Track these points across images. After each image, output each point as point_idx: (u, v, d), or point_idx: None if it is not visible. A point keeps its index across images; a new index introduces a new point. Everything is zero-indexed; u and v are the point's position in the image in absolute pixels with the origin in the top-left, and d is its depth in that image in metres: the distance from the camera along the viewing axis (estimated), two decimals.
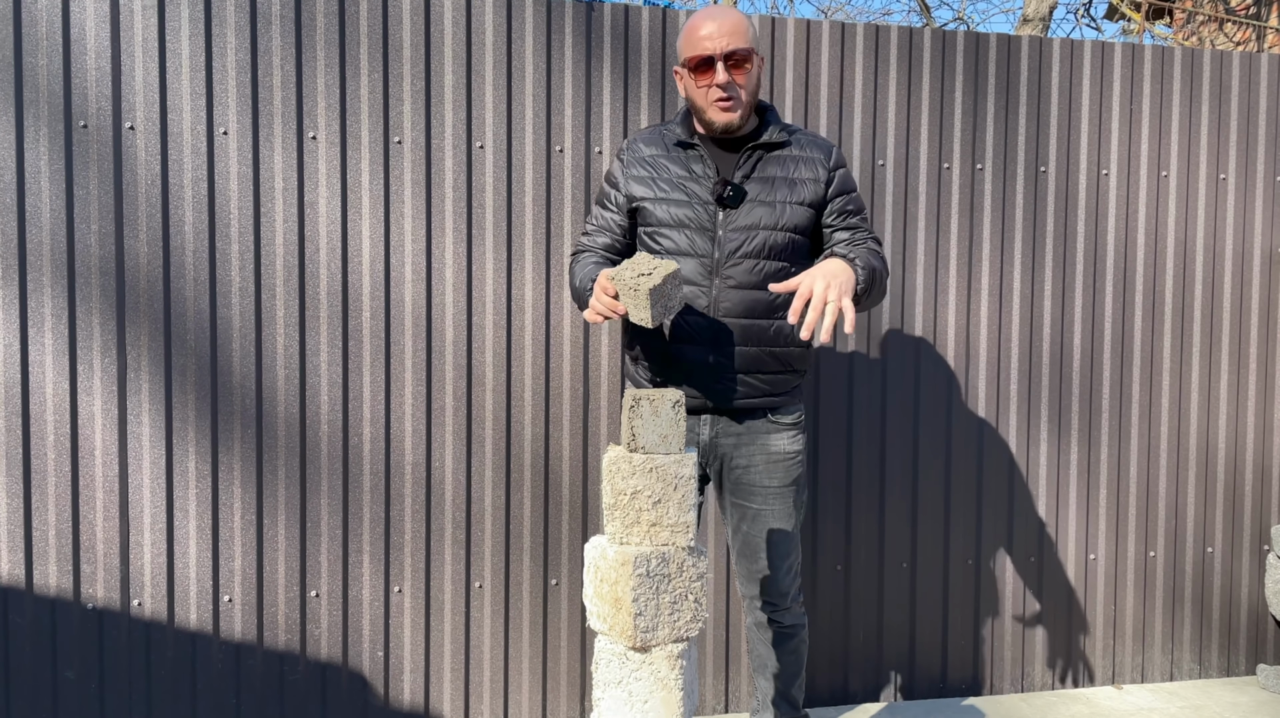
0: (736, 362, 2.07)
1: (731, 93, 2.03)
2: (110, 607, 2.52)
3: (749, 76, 2.05)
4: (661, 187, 2.11)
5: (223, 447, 2.56)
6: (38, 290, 2.46)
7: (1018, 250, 2.96)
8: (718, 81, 2.01)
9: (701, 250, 2.07)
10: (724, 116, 2.05)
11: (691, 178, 2.10)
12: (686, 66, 2.07)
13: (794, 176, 2.11)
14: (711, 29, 2.02)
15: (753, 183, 2.09)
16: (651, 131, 2.19)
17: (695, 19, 2.06)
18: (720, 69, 2.01)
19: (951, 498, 2.95)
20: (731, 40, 2.01)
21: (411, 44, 2.60)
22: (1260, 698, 2.99)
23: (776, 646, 2.26)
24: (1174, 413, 3.08)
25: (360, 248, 2.60)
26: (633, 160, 2.15)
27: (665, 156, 2.13)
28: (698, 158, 2.11)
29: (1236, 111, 3.08)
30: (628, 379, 2.27)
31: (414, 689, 2.67)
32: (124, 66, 2.47)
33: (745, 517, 2.18)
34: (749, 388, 2.10)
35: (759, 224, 2.07)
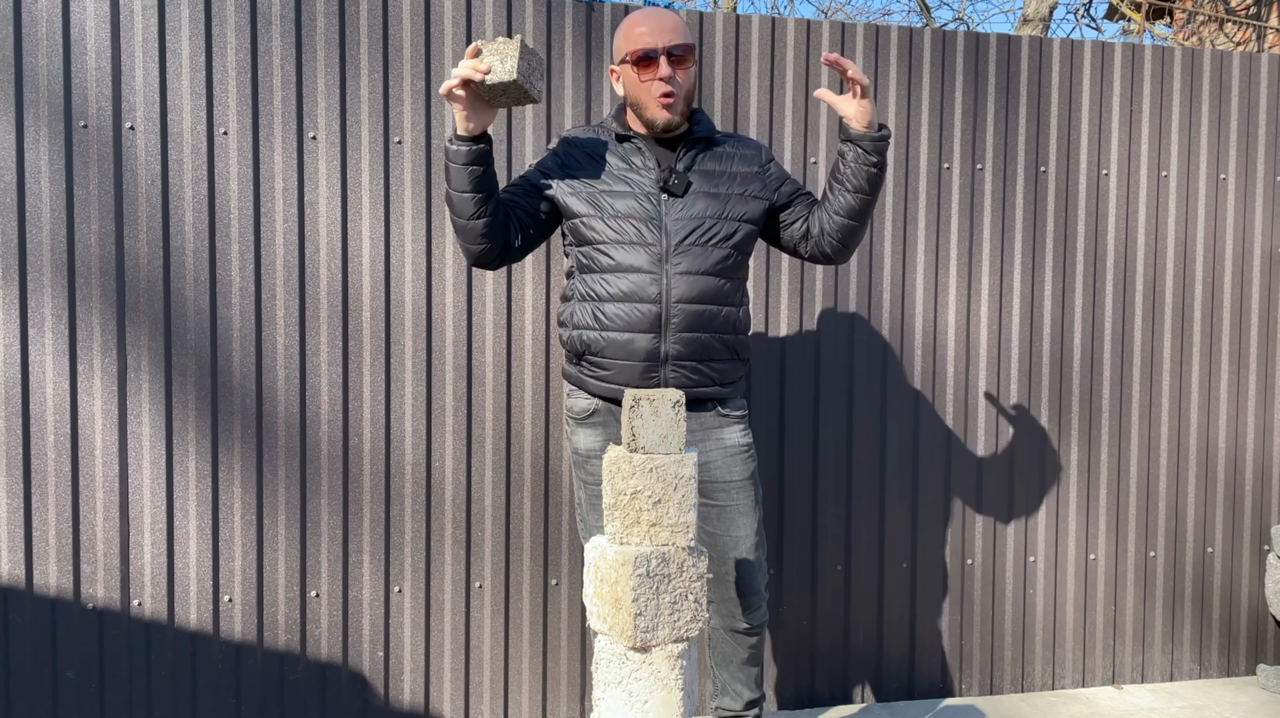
0: (688, 349, 2.08)
1: (673, 87, 2.06)
2: (110, 607, 2.52)
3: (688, 74, 2.09)
4: (604, 180, 2.11)
5: (223, 447, 2.56)
6: (38, 290, 2.46)
7: (1018, 250, 2.96)
8: (661, 75, 2.04)
9: (650, 239, 2.07)
10: (664, 114, 2.08)
11: (632, 169, 2.12)
12: (627, 61, 2.08)
13: (733, 170, 2.16)
14: (653, 25, 2.06)
15: (695, 175, 2.13)
16: (585, 129, 2.20)
17: (634, 17, 2.10)
18: (663, 63, 2.04)
19: (951, 498, 2.95)
20: (673, 37, 2.05)
21: (411, 44, 2.60)
22: (1260, 698, 2.99)
23: (741, 642, 2.26)
24: (1174, 413, 3.08)
25: (360, 248, 2.60)
26: (569, 154, 2.15)
27: (603, 149, 2.14)
28: (636, 150, 2.13)
29: (1236, 111, 3.08)
30: (570, 385, 2.22)
31: (414, 689, 2.67)
32: (124, 66, 2.47)
33: (710, 516, 2.17)
34: (701, 376, 2.10)
35: (705, 213, 2.10)
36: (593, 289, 2.09)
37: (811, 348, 2.84)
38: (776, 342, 2.82)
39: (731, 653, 2.28)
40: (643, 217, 2.08)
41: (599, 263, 2.09)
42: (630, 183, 2.10)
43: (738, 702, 2.33)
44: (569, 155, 2.15)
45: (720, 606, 2.23)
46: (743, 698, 2.33)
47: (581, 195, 2.10)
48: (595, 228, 2.09)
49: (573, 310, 2.14)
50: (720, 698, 2.36)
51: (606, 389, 2.11)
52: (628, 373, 2.08)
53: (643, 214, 2.08)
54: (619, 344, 2.07)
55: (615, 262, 2.07)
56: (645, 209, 2.08)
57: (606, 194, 2.09)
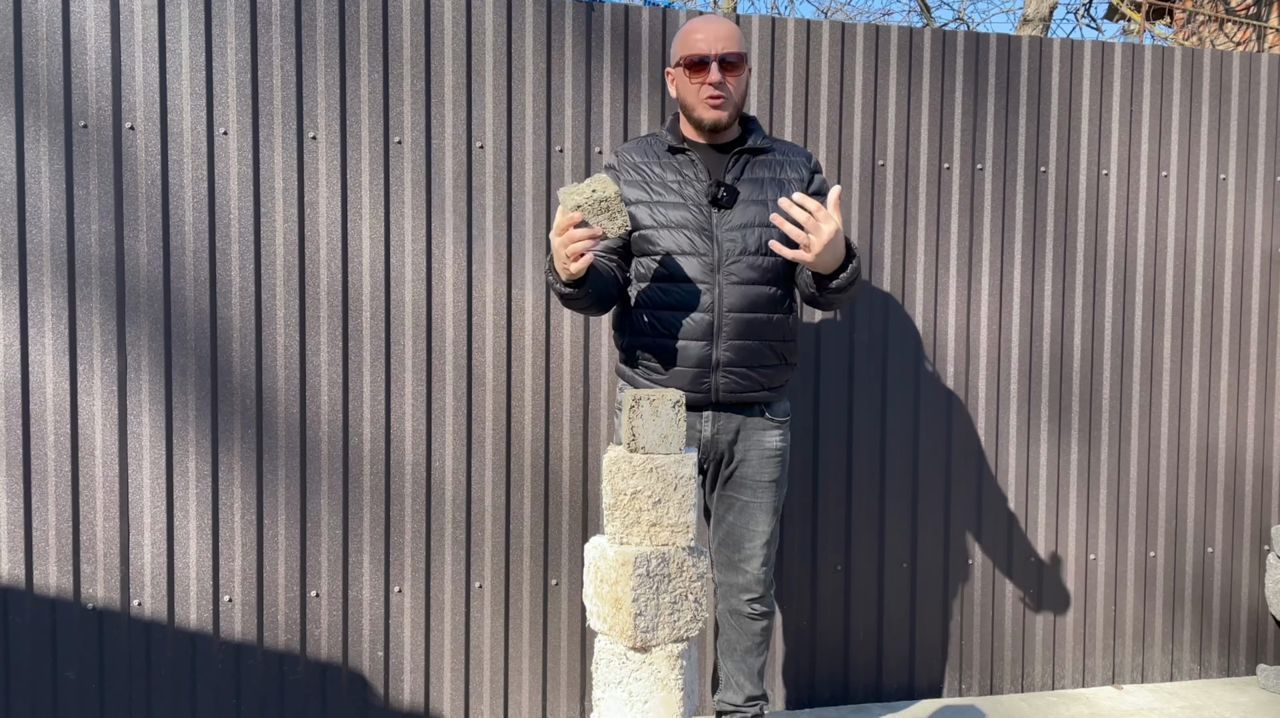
0: (738, 356, 2.16)
1: (723, 92, 2.14)
2: (110, 607, 2.52)
3: (739, 81, 2.17)
4: (655, 190, 2.18)
5: (223, 447, 2.56)
6: (38, 290, 2.46)
7: (1018, 250, 2.96)
8: (711, 80, 2.12)
9: (702, 249, 2.15)
10: (713, 114, 2.15)
11: (684, 181, 2.19)
12: (681, 65, 2.16)
13: (781, 177, 2.23)
14: (708, 33, 2.14)
15: (743, 184, 2.20)
16: (638, 142, 2.28)
17: (692, 23, 2.19)
18: (714, 68, 2.11)
19: (951, 498, 2.95)
20: (726, 44, 2.13)
21: (411, 44, 2.60)
22: (1260, 698, 2.99)
23: (748, 629, 2.34)
24: (1174, 413, 3.08)
25: (360, 248, 2.60)
26: (624, 166, 2.23)
27: (656, 163, 2.22)
28: (688, 162, 2.20)
29: (1236, 111, 3.08)
30: (624, 382, 2.30)
31: (414, 689, 2.67)
32: (124, 66, 2.47)
33: (732, 508, 2.27)
34: (750, 382, 2.18)
35: (754, 222, 2.17)
36: (650, 296, 2.18)
37: (811, 348, 2.84)
38: None
39: (736, 640, 2.35)
40: (695, 227, 2.15)
41: (655, 272, 2.17)
42: (683, 194, 2.17)
43: (739, 695, 2.37)
44: (626, 169, 2.23)
45: (728, 590, 2.32)
46: (744, 692, 2.37)
47: (640, 207, 2.18)
48: (652, 238, 2.16)
49: (630, 314, 2.23)
50: (723, 692, 2.40)
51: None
52: (680, 378, 2.17)
53: (695, 225, 2.15)
54: (672, 350, 2.16)
55: (669, 271, 2.16)
56: (697, 220, 2.16)
57: (661, 205, 2.17)
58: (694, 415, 2.20)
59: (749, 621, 2.32)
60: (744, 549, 2.27)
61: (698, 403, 2.18)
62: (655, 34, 2.72)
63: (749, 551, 2.27)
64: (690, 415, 2.20)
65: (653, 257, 2.17)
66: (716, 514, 2.30)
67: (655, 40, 2.72)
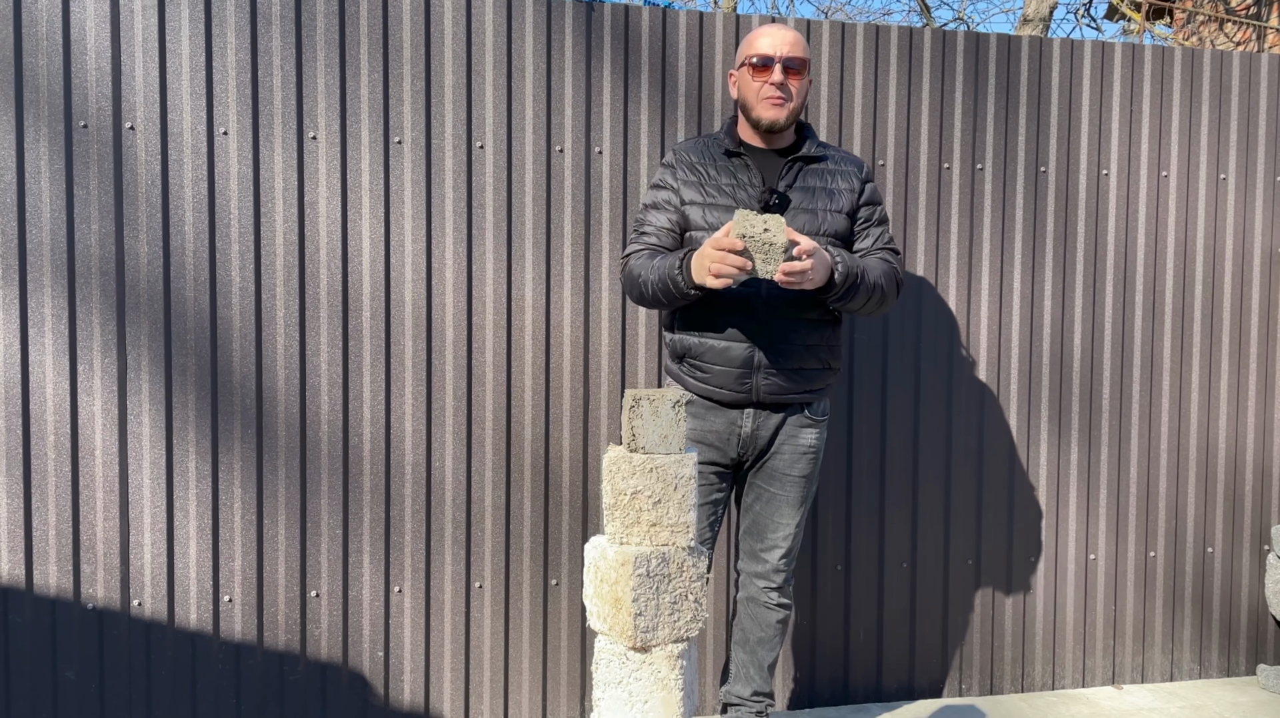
0: (780, 358, 2.21)
1: (784, 93, 2.19)
2: (110, 607, 2.52)
3: (801, 86, 2.23)
4: (709, 192, 2.23)
5: (223, 447, 2.56)
6: (38, 290, 2.46)
7: (1018, 250, 2.96)
8: (773, 80, 2.17)
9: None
10: (772, 112, 2.20)
11: (738, 185, 2.24)
12: (746, 64, 2.22)
13: (832, 187, 2.27)
14: (775, 37, 2.21)
15: (795, 191, 2.24)
16: (695, 141, 2.33)
17: (760, 28, 2.27)
18: (777, 69, 2.17)
19: (951, 498, 2.95)
20: (792, 49, 2.20)
21: (411, 44, 2.60)
22: (1260, 698, 2.99)
23: (764, 620, 2.38)
24: (1174, 413, 3.08)
25: (360, 248, 2.60)
26: (680, 165, 2.27)
27: (711, 164, 2.26)
28: (743, 166, 2.25)
29: (1236, 111, 3.08)
30: (670, 379, 2.36)
31: (414, 689, 2.67)
32: (124, 66, 2.47)
33: (761, 498, 2.33)
34: (790, 383, 2.23)
35: (803, 230, 2.22)
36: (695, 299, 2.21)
37: None
38: None
39: (750, 629, 2.40)
40: None
41: None
42: (735, 198, 2.22)
43: (746, 688, 2.41)
44: (682, 168, 2.27)
45: (748, 578, 2.38)
46: (752, 685, 2.41)
47: (694, 208, 2.23)
48: (702, 240, 2.18)
49: (679, 313, 2.28)
50: (732, 683, 2.45)
51: (703, 389, 2.25)
52: (723, 377, 2.22)
53: None
54: (717, 351, 2.21)
55: None
56: None
57: (713, 208, 2.22)
58: (736, 413, 2.25)
59: (765, 610, 2.37)
60: (766, 539, 2.33)
61: (739, 402, 2.24)
62: (655, 34, 2.72)
63: (771, 541, 2.33)
64: (732, 413, 2.25)
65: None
66: (745, 503, 2.37)
67: (655, 40, 2.72)
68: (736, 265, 1.96)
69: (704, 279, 2.02)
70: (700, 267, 2.02)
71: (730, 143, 2.26)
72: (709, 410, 2.26)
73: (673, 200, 2.26)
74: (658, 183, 2.31)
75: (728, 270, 1.96)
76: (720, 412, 2.25)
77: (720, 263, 1.96)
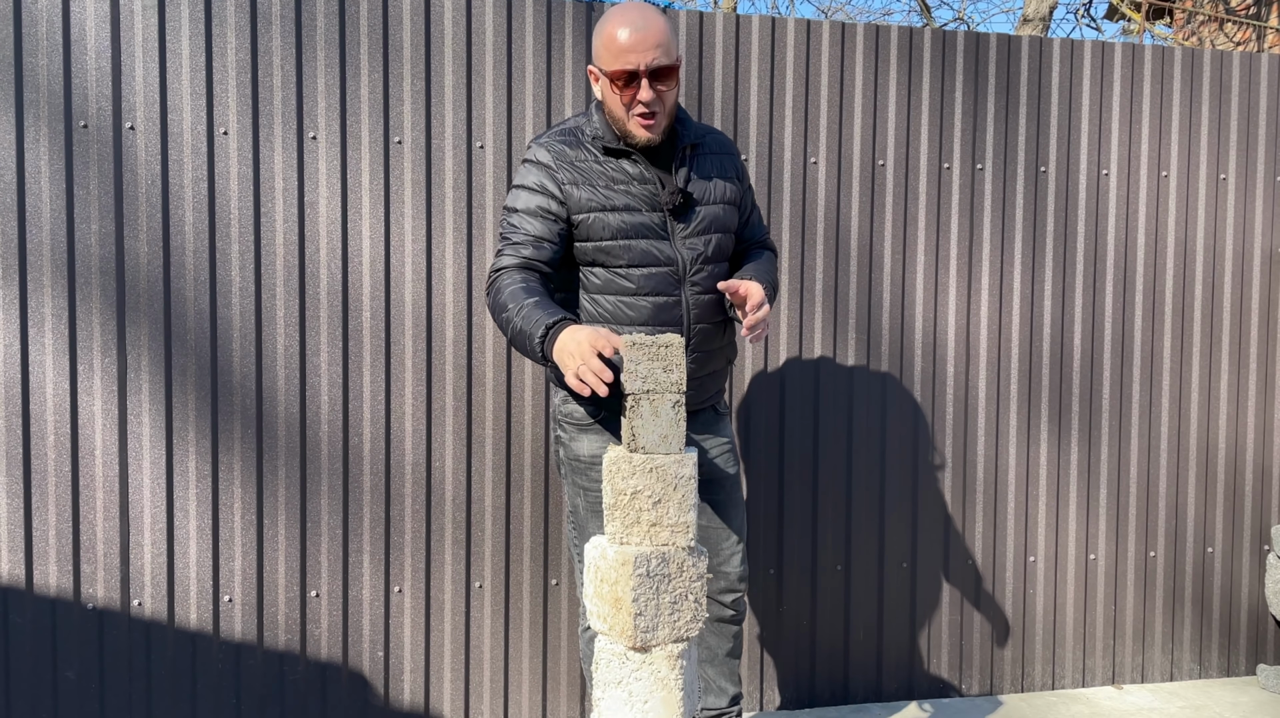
0: (701, 367, 2.10)
1: (656, 108, 1.93)
2: (110, 607, 2.52)
3: (671, 90, 1.96)
4: (604, 194, 1.97)
5: (223, 447, 2.56)
6: (38, 290, 2.46)
7: (1018, 250, 2.96)
8: (641, 98, 1.91)
9: (667, 259, 2.01)
10: (644, 134, 1.96)
11: (631, 182, 2.00)
12: (606, 77, 1.95)
13: (722, 176, 2.10)
14: (635, 40, 1.88)
15: (692, 186, 2.05)
16: (563, 134, 2.03)
17: (615, 19, 1.92)
18: (644, 86, 1.90)
19: (951, 498, 2.95)
20: (657, 55, 1.90)
21: (411, 44, 2.60)
22: (1260, 698, 2.99)
23: (725, 632, 2.30)
24: (1174, 413, 3.08)
25: (360, 248, 2.60)
26: (562, 165, 1.99)
27: (595, 161, 2.00)
28: (632, 162, 2.01)
29: (1236, 111, 3.08)
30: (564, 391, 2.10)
31: (414, 689, 2.67)
32: (124, 66, 2.47)
33: (704, 511, 2.20)
34: (704, 388, 2.15)
35: (710, 228, 2.05)
36: (613, 312, 2.02)
37: (812, 348, 2.84)
38: (777, 342, 2.82)
39: (716, 646, 2.31)
40: (654, 235, 2.00)
41: (617, 285, 2.01)
42: (633, 197, 1.99)
43: (723, 698, 2.35)
44: (565, 169, 1.99)
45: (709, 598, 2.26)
46: (728, 693, 2.35)
47: (594, 214, 1.98)
48: (612, 250, 1.99)
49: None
50: (705, 698, 2.36)
51: (615, 405, 2.01)
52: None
53: (654, 233, 2.00)
54: None
55: (636, 284, 2.00)
56: (654, 227, 2.00)
57: (615, 212, 1.98)
58: None
59: (729, 624, 2.28)
60: (723, 551, 2.21)
61: None
62: None
63: (728, 550, 2.21)
64: None
65: (611, 269, 1.99)
66: None
67: None
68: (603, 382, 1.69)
69: (564, 368, 1.74)
70: (567, 352, 1.74)
71: (610, 139, 1.99)
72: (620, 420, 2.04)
73: (554, 210, 1.97)
74: (532, 186, 1.99)
75: (592, 385, 1.69)
76: None
77: (589, 376, 1.70)
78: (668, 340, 1.70)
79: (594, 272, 2.03)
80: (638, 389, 1.70)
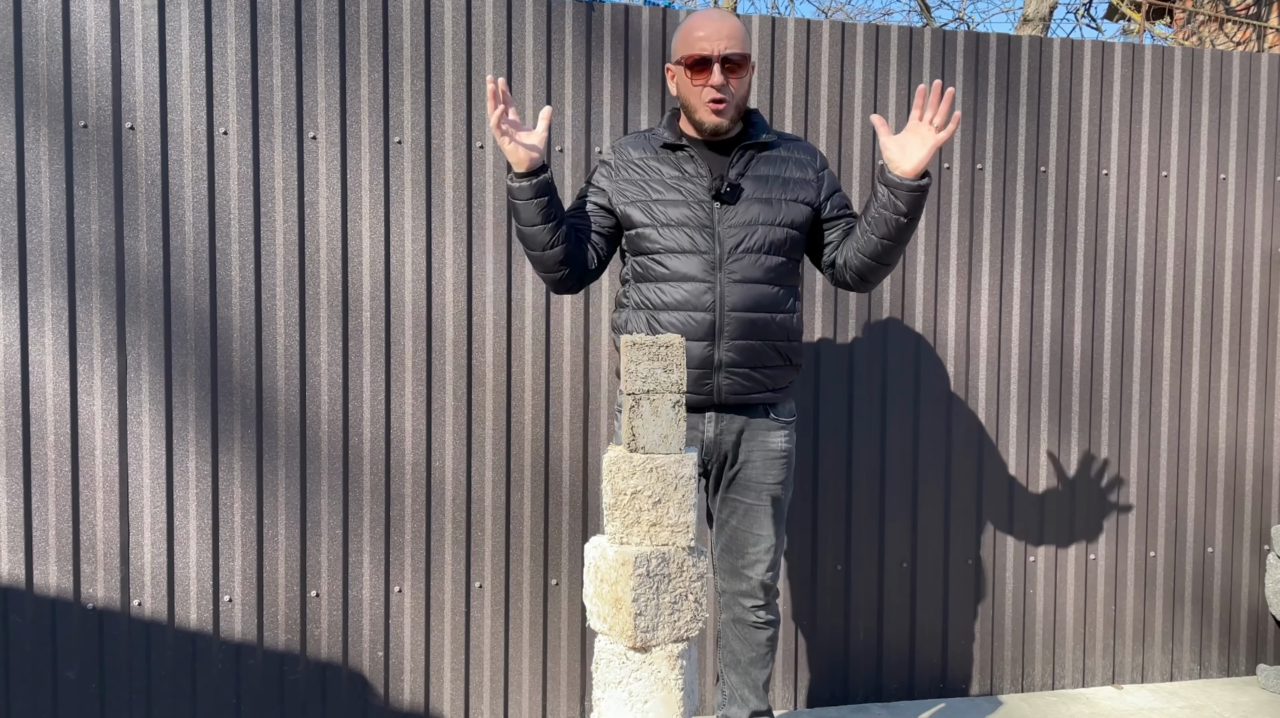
0: (741, 356, 2.10)
1: (725, 94, 2.06)
2: (110, 607, 2.52)
3: (742, 81, 2.09)
4: (655, 188, 2.12)
5: (223, 447, 2.56)
6: (38, 290, 2.46)
7: (1018, 250, 2.96)
8: (713, 83, 2.04)
9: (703, 247, 2.09)
10: (714, 119, 2.09)
11: (684, 177, 2.13)
12: (682, 65, 2.09)
13: (786, 175, 2.16)
14: (710, 30, 2.05)
15: (747, 180, 2.13)
16: (635, 137, 2.21)
17: (694, 19, 2.10)
18: (716, 70, 2.04)
19: (951, 498, 2.95)
20: (729, 44, 2.05)
21: (411, 44, 2.60)
22: (1260, 698, 2.99)
23: (753, 640, 2.26)
24: (1174, 413, 3.08)
25: (360, 248, 2.60)
26: (621, 164, 2.16)
27: (654, 158, 2.15)
28: (688, 158, 2.13)
29: (1236, 111, 3.08)
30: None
31: (414, 689, 2.67)
32: (124, 66, 2.47)
33: (736, 512, 2.20)
34: (753, 383, 2.13)
35: (758, 220, 2.11)
36: (647, 298, 2.12)
37: (812, 348, 2.84)
38: None
39: (740, 651, 2.28)
40: (696, 224, 2.09)
41: (654, 272, 2.11)
42: (683, 191, 2.11)
43: (743, 710, 2.31)
44: (621, 166, 2.16)
45: (731, 598, 2.25)
46: (748, 707, 2.30)
47: (637, 205, 2.12)
48: (650, 237, 2.10)
49: (627, 318, 2.17)
50: (728, 707, 2.33)
51: None
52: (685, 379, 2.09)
53: (695, 222, 2.09)
54: None
55: (669, 270, 2.10)
56: (698, 217, 2.10)
57: (660, 203, 2.11)
58: (696, 416, 2.14)
59: (754, 629, 2.25)
60: (748, 555, 2.20)
61: (700, 404, 2.13)
62: (655, 33, 2.72)
63: (753, 556, 2.20)
64: (692, 416, 2.14)
65: (650, 255, 2.11)
66: (719, 519, 2.23)
67: (655, 40, 2.72)
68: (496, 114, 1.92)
69: (513, 157, 1.98)
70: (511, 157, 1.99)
71: (671, 135, 2.14)
72: None
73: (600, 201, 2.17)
74: (592, 183, 2.20)
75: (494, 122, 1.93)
76: None
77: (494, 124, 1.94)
78: (668, 340, 1.72)
79: (637, 260, 2.15)
80: (638, 389, 1.71)
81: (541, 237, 2.05)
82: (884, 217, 2.04)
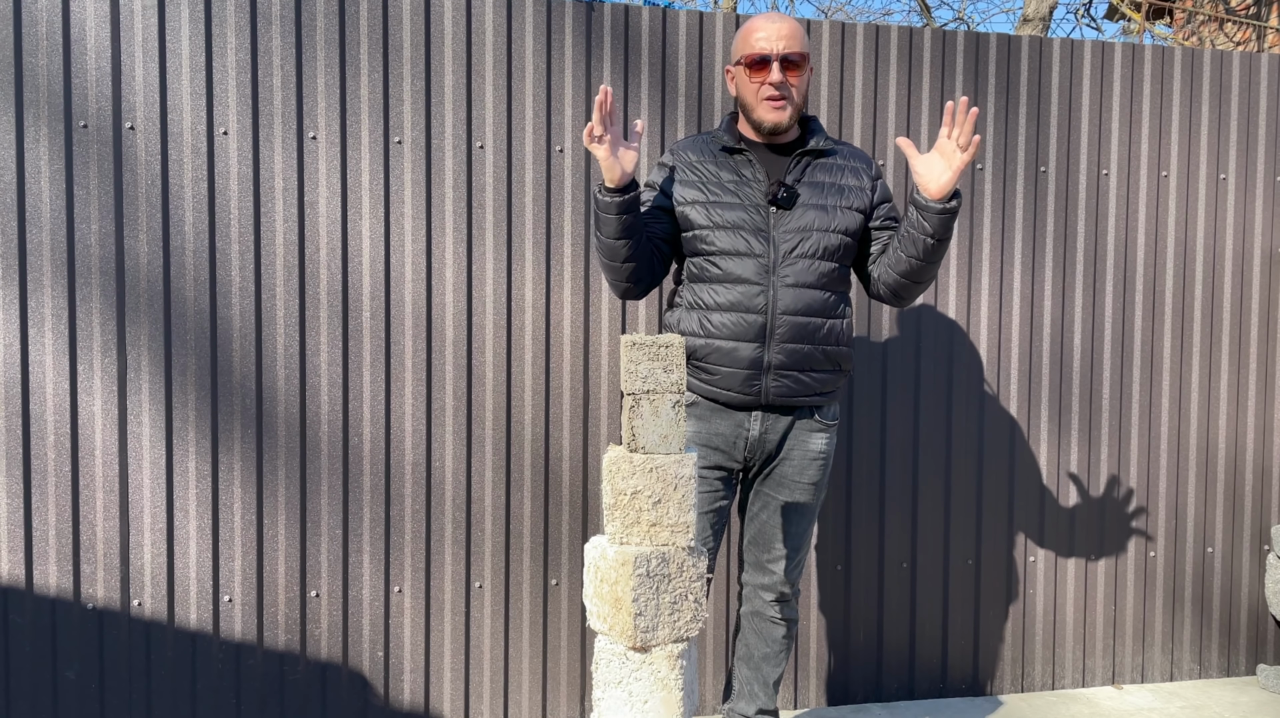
0: (790, 359, 2.13)
1: (784, 92, 2.10)
2: (110, 607, 2.52)
3: (801, 80, 2.13)
4: (712, 190, 2.15)
5: (223, 447, 2.56)
6: (38, 290, 2.46)
7: (1018, 250, 2.96)
8: (771, 80, 2.08)
9: (758, 251, 2.12)
10: (773, 115, 2.12)
11: (742, 181, 2.15)
12: (742, 63, 2.13)
13: (842, 183, 2.19)
14: (769, 31, 2.10)
15: (803, 187, 2.16)
16: (694, 139, 2.24)
17: (753, 21, 2.15)
18: (775, 68, 2.08)
19: (951, 498, 2.95)
20: (788, 43, 2.09)
21: (411, 44, 2.60)
22: (1260, 698, 2.99)
23: (769, 636, 2.29)
24: (1174, 413, 3.08)
25: (360, 248, 2.60)
26: (680, 165, 2.19)
27: (712, 161, 2.18)
28: (746, 162, 2.16)
29: (1236, 111, 3.08)
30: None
31: (414, 689, 2.67)
32: (124, 66, 2.47)
33: (768, 507, 2.23)
34: (801, 385, 2.15)
35: (812, 226, 2.14)
36: (700, 298, 2.15)
37: None
38: None
39: (755, 645, 2.31)
40: (751, 228, 2.12)
41: (708, 273, 2.14)
42: (740, 194, 2.14)
43: (751, 706, 2.32)
44: (681, 168, 2.19)
45: (752, 591, 2.29)
46: (756, 703, 2.32)
47: (696, 206, 2.15)
48: (706, 238, 2.13)
49: (679, 317, 2.20)
50: (735, 701, 2.35)
51: (709, 391, 2.17)
52: (730, 379, 2.13)
53: (751, 225, 2.12)
54: (724, 352, 2.12)
55: (723, 272, 2.12)
56: (754, 220, 2.12)
57: (717, 206, 2.13)
58: (743, 415, 2.17)
59: (770, 625, 2.28)
60: (773, 549, 2.23)
61: (747, 404, 2.15)
62: (655, 34, 2.72)
63: (778, 551, 2.23)
64: (739, 415, 2.17)
65: (706, 257, 2.14)
66: (750, 511, 2.26)
67: (655, 40, 2.72)
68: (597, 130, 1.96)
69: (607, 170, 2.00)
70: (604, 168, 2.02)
71: (730, 139, 2.17)
72: (714, 413, 2.17)
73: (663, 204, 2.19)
74: (649, 183, 2.23)
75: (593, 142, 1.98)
76: (726, 414, 2.16)
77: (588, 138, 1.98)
78: (668, 340, 1.73)
79: (693, 261, 2.18)
80: (638, 389, 1.72)
81: (622, 251, 2.08)
82: (913, 237, 2.08)
